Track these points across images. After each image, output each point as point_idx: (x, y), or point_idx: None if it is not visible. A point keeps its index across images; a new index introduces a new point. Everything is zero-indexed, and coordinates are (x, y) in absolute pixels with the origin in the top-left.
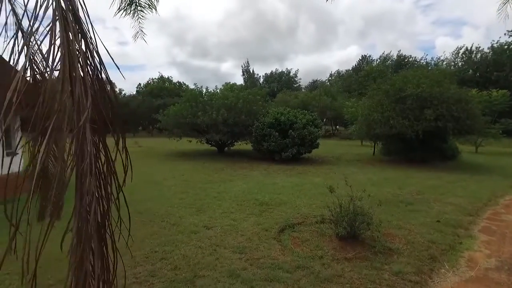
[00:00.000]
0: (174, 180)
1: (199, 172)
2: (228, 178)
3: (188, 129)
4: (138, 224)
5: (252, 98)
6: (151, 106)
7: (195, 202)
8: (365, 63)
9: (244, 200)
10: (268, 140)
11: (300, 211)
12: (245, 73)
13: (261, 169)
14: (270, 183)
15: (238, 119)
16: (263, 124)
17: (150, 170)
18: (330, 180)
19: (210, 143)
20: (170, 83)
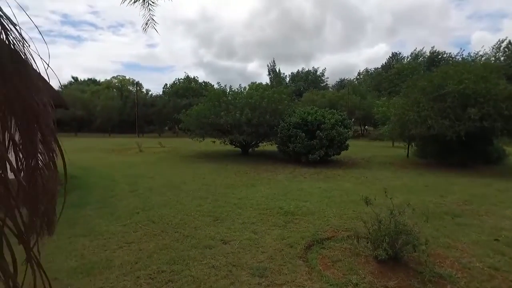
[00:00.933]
0: (194, 183)
1: (221, 175)
2: (251, 183)
3: (211, 129)
4: (149, 236)
5: (277, 97)
6: (176, 106)
7: (213, 209)
8: (395, 60)
9: (267, 208)
10: (294, 141)
11: (329, 223)
12: (271, 72)
13: (287, 173)
14: (296, 188)
15: (262, 119)
16: (288, 124)
17: (170, 172)
18: (361, 186)
19: (233, 144)
20: (196, 83)
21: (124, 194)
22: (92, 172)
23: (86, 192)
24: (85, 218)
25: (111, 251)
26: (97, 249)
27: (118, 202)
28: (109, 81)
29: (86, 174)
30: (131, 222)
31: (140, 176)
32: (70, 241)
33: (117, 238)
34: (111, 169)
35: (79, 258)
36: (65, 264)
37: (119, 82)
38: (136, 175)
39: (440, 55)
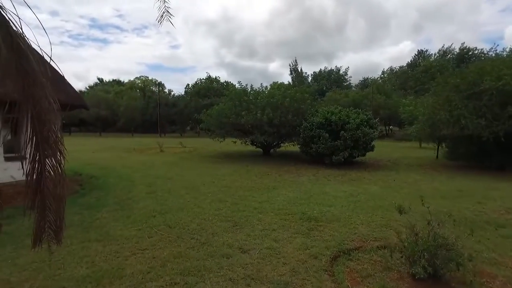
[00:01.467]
0: (213, 185)
1: (241, 177)
2: (272, 185)
3: (232, 129)
4: (164, 242)
5: (299, 96)
6: (198, 106)
7: (232, 214)
8: (422, 58)
9: (289, 213)
10: (317, 142)
11: (356, 231)
12: (293, 72)
13: (309, 175)
14: (320, 192)
15: (284, 119)
16: (311, 124)
17: (190, 173)
18: (389, 190)
19: (254, 145)
20: (217, 83)
21: (141, 196)
22: (112, 173)
23: (104, 193)
24: (100, 221)
25: (124, 258)
26: (110, 255)
27: (135, 204)
28: (133, 82)
29: (106, 174)
30: (147, 226)
31: (159, 177)
32: (82, 246)
33: (131, 243)
34: (131, 170)
35: (90, 265)
36: (75, 272)
37: (142, 82)
38: (155, 176)
39: (471, 51)
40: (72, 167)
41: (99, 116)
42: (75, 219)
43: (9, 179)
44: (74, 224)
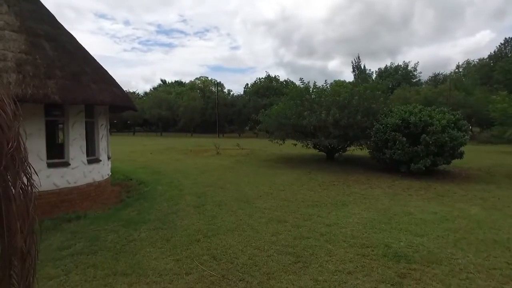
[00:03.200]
0: (271, 198)
1: (303, 187)
2: (341, 200)
3: (292, 130)
4: (205, 283)
5: (369, 94)
6: (257, 105)
7: (294, 242)
8: (510, 47)
9: (368, 245)
10: (392, 147)
11: (474, 285)
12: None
13: (384, 186)
14: (402, 212)
15: (352, 120)
16: (385, 126)
17: (245, 180)
18: (495, 212)
19: (317, 148)
20: (277, 82)
21: (188, 211)
22: (163, 178)
23: (149, 204)
24: (135, 244)
25: None
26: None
27: (179, 221)
28: (193, 83)
29: (156, 181)
30: (187, 256)
31: (210, 185)
32: (105, 284)
33: (163, 283)
34: (182, 175)
35: None
36: None
37: (202, 83)
38: (207, 184)
39: None
40: (126, 170)
41: (161, 116)
42: (109, 239)
43: (52, 186)
44: (106, 247)
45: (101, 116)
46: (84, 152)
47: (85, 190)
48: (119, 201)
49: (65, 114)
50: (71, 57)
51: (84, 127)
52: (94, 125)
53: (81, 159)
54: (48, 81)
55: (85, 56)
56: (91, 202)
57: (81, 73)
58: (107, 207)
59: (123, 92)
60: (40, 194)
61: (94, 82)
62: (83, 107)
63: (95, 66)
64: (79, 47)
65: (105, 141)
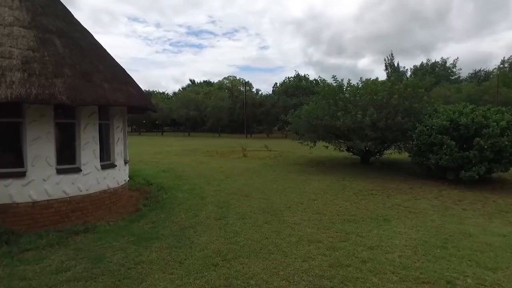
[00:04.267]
0: (301, 209)
1: (337, 196)
2: (382, 213)
3: (324, 132)
4: None
5: (411, 92)
6: (286, 105)
7: (329, 271)
8: None
9: (424, 279)
10: (438, 152)
11: None
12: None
13: (430, 197)
14: (458, 232)
15: (391, 121)
16: (430, 128)
17: (272, 187)
18: None
19: (351, 151)
20: (306, 81)
21: (207, 224)
22: (184, 184)
23: (166, 215)
24: (143, 267)
25: None
26: None
27: (197, 238)
28: (221, 82)
29: (177, 186)
30: (201, 286)
31: (234, 192)
32: None
33: None
34: (206, 181)
35: None
36: None
37: (230, 82)
38: (231, 191)
39: None
40: (147, 174)
41: (189, 116)
42: (115, 259)
43: (62, 194)
44: (109, 270)
45: (117, 117)
46: (98, 157)
47: (98, 198)
48: (135, 210)
49: (76, 116)
50: (83, 54)
51: (97, 130)
52: (109, 127)
53: (94, 164)
54: (56, 80)
55: (100, 53)
56: (105, 211)
57: (93, 71)
58: (121, 217)
59: (141, 92)
60: (48, 203)
61: (107, 81)
62: (96, 108)
63: (110, 64)
64: (94, 44)
65: (122, 144)
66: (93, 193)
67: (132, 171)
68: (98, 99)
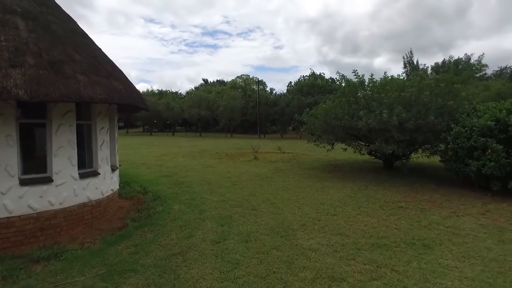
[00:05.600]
0: (318, 228)
1: (360, 210)
2: (419, 236)
3: (344, 133)
4: None
5: (444, 88)
6: (301, 104)
7: None
8: None
9: None
10: (479, 157)
11: None
12: (407, 65)
13: (475, 213)
14: None
15: (422, 121)
16: (470, 129)
17: (283, 197)
18: None
19: (373, 154)
20: (322, 80)
21: (202, 250)
22: (184, 193)
23: (155, 234)
24: None
25: None
26: None
27: (185, 271)
28: (234, 81)
29: (175, 196)
30: None
31: (240, 204)
32: None
33: None
34: (209, 188)
35: None
36: None
37: (243, 81)
38: (236, 203)
39: None
40: (146, 179)
41: (200, 116)
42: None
43: (27, 210)
44: None
45: (102, 117)
46: (75, 164)
47: (76, 213)
48: (120, 227)
49: (47, 115)
50: (54, 41)
51: (74, 132)
52: (91, 129)
53: (70, 173)
54: (12, 70)
55: (78, 41)
56: (84, 228)
57: (65, 61)
58: (101, 236)
59: (129, 87)
60: (9, 221)
61: (83, 73)
62: (72, 106)
63: (91, 54)
64: (72, 30)
65: (108, 148)
66: (68, 207)
67: (130, 176)
68: (69, 95)
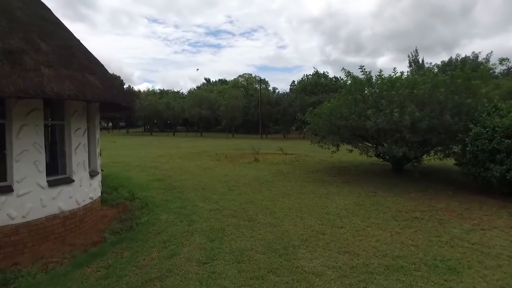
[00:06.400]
0: (323, 244)
1: (370, 220)
2: (441, 255)
3: (350, 134)
4: None
5: (461, 84)
6: (304, 104)
7: None
8: None
9: None
10: (503, 161)
11: None
12: (412, 64)
13: (502, 225)
14: None
15: (437, 121)
16: (492, 130)
17: (284, 205)
18: None
19: (381, 156)
20: (325, 79)
21: (185, 273)
22: (176, 199)
23: (133, 252)
24: None
25: None
26: None
27: None
28: (236, 80)
29: (165, 203)
30: None
31: (235, 214)
32: None
33: None
34: (203, 194)
35: None
36: None
37: (245, 80)
38: (230, 212)
39: None
40: (137, 184)
41: (201, 116)
42: None
43: (6, 220)
44: None
45: (77, 116)
46: (43, 170)
47: (44, 227)
48: (97, 241)
49: (6, 114)
50: (13, 28)
51: (41, 134)
52: (64, 130)
53: (36, 180)
54: None
55: (49, 29)
56: (54, 244)
57: (26, 50)
58: (72, 253)
59: (108, 83)
60: None
61: (49, 65)
62: (39, 104)
63: (62, 43)
64: (41, 17)
65: (85, 152)
66: (34, 221)
67: (121, 179)
68: (27, 90)
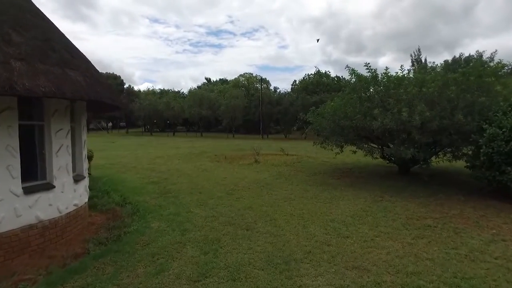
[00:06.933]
0: (328, 257)
1: (378, 229)
2: (462, 273)
3: (355, 135)
4: None
5: (473, 81)
6: (305, 103)
7: None
8: None
9: None
10: None
11: None
12: (415, 63)
13: None
14: None
15: (448, 121)
16: (509, 130)
17: (285, 211)
18: None
19: (386, 157)
20: (327, 78)
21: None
22: (170, 204)
23: (116, 268)
24: None
25: None
26: None
27: None
28: (237, 80)
29: (158, 209)
30: None
31: (232, 221)
32: None
33: None
34: (199, 199)
35: None
36: None
37: (246, 80)
38: (227, 219)
39: None
40: (131, 187)
41: (201, 115)
42: None
43: None
44: None
45: (58, 116)
46: (17, 175)
47: (18, 238)
48: (79, 254)
49: None
50: None
51: (15, 136)
52: (43, 131)
53: (9, 187)
54: None
55: (26, 19)
56: (30, 257)
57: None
58: (48, 269)
59: (91, 80)
60: None
61: (21, 59)
62: (12, 102)
63: (40, 36)
64: (18, 6)
65: (68, 155)
66: (6, 232)
67: (114, 182)
68: None
